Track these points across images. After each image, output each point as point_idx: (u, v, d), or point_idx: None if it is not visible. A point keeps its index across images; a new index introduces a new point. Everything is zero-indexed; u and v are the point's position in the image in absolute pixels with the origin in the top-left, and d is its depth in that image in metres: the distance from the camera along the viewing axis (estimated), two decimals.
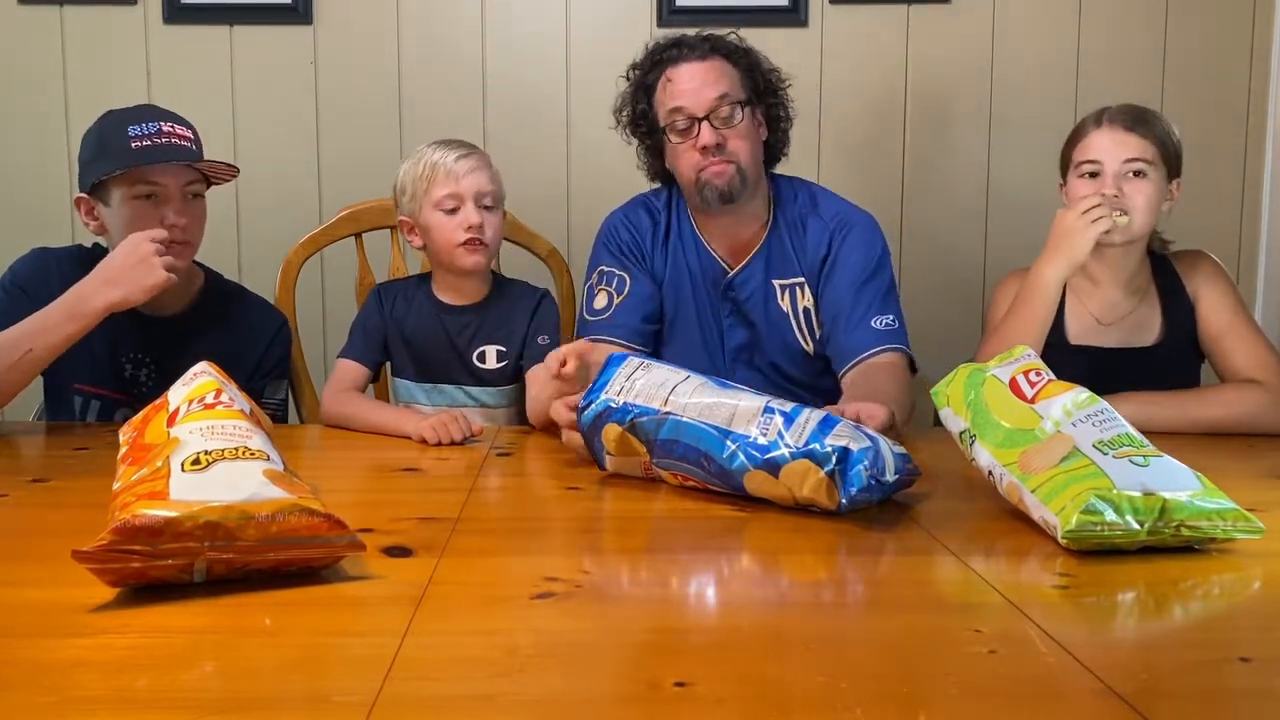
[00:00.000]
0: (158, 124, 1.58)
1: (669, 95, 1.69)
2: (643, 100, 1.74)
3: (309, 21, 2.29)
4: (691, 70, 1.69)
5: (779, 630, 0.81)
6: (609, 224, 1.82)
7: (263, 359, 1.73)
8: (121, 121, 1.58)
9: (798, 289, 1.74)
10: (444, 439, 1.49)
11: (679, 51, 1.70)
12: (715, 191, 1.68)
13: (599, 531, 1.11)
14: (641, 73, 1.74)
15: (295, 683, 0.71)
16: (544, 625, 0.81)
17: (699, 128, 1.67)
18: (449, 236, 1.68)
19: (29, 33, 2.28)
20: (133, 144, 1.55)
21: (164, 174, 1.57)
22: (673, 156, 1.72)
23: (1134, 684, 0.69)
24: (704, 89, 1.67)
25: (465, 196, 1.67)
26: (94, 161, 1.59)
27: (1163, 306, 1.72)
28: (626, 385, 1.24)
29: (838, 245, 1.72)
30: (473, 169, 1.69)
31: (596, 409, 1.25)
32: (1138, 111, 1.68)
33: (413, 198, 1.70)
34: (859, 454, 1.07)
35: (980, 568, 0.95)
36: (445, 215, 1.68)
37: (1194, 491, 0.98)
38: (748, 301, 1.75)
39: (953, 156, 2.36)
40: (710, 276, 1.77)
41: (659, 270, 1.78)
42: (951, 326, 2.32)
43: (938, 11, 2.31)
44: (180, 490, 0.86)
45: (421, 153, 1.72)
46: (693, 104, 1.67)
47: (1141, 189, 1.64)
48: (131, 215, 1.57)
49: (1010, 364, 1.19)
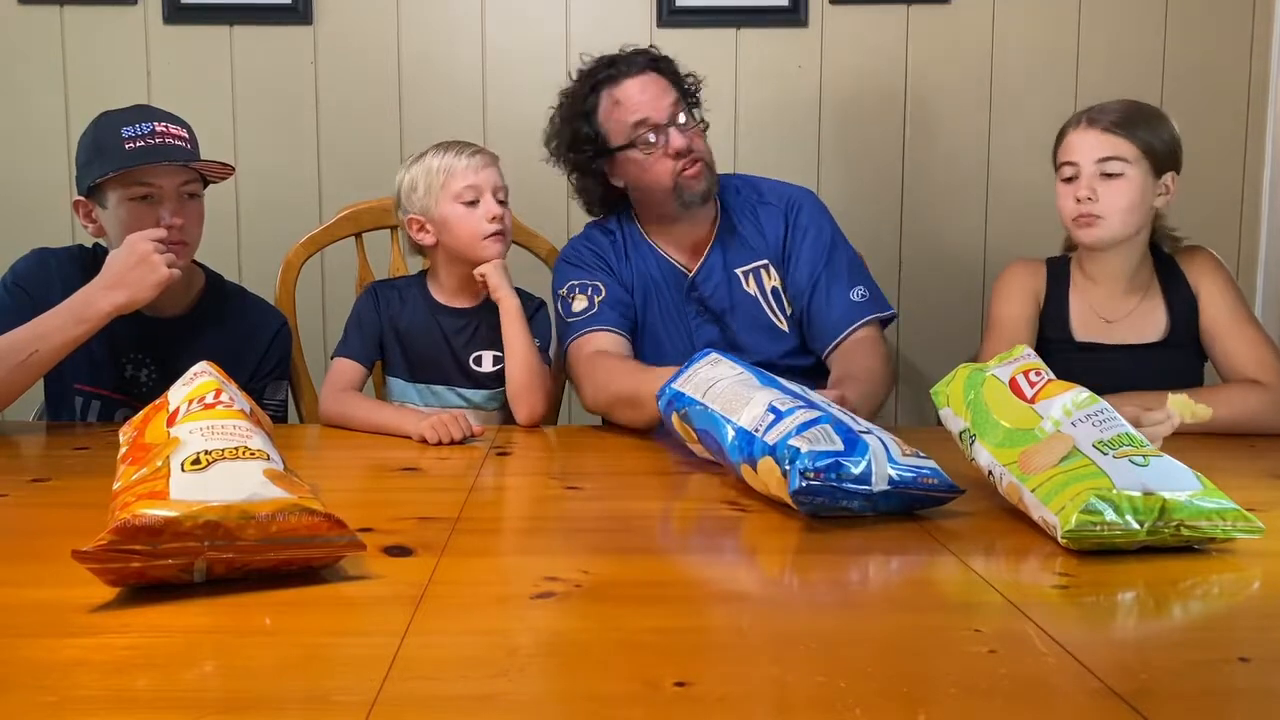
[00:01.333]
0: (151, 124, 1.57)
1: (625, 112, 1.71)
2: (584, 125, 1.75)
3: (309, 21, 2.29)
4: (638, 84, 1.72)
5: (779, 630, 0.81)
6: (568, 250, 1.85)
7: (263, 360, 1.73)
8: (115, 123, 1.58)
9: (762, 271, 1.78)
10: (444, 438, 1.49)
11: (615, 70, 1.73)
12: (696, 192, 1.73)
13: (599, 531, 1.11)
14: (577, 99, 1.75)
15: (295, 683, 0.71)
16: (544, 625, 0.81)
17: (667, 134, 1.70)
18: (472, 228, 1.68)
19: (29, 33, 2.28)
20: (127, 145, 1.55)
21: (159, 175, 1.57)
22: (640, 170, 1.74)
23: (1134, 684, 0.69)
24: (659, 98, 1.71)
25: (485, 189, 1.69)
26: (89, 164, 1.59)
27: (1166, 303, 1.72)
28: (690, 375, 1.32)
29: (793, 223, 1.78)
30: (487, 164, 1.72)
31: (668, 396, 1.33)
32: (1124, 109, 1.67)
33: (427, 193, 1.70)
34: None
35: (980, 568, 0.95)
36: (466, 209, 1.68)
37: (1194, 491, 0.98)
38: (712, 297, 1.78)
39: (953, 156, 2.36)
40: (672, 281, 1.80)
41: (627, 281, 1.80)
42: (951, 325, 2.32)
43: (938, 11, 2.31)
44: (180, 490, 0.86)
45: (429, 154, 1.73)
46: (655, 113, 1.70)
47: (1117, 189, 1.63)
48: (128, 216, 1.57)
49: (1010, 364, 1.19)
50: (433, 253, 1.77)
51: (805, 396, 1.20)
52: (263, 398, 1.69)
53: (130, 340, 1.65)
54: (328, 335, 2.25)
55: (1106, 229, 1.65)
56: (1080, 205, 1.65)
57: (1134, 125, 1.65)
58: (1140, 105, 1.69)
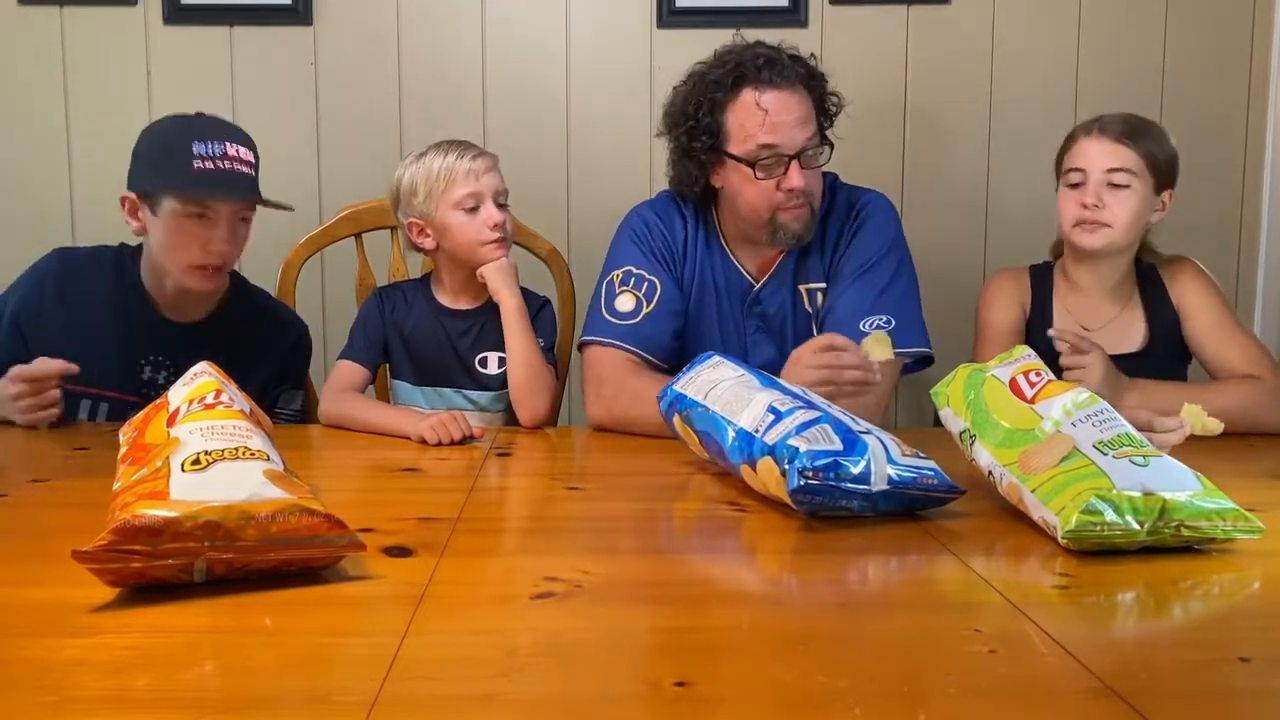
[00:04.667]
0: (223, 145, 1.55)
1: (760, 127, 1.58)
2: (708, 115, 1.61)
3: (309, 22, 2.29)
4: (785, 102, 1.58)
5: (779, 630, 0.81)
6: (640, 219, 1.73)
7: (279, 368, 1.73)
8: (188, 134, 1.55)
9: (819, 293, 1.70)
10: (444, 439, 1.48)
11: (769, 74, 1.58)
12: (791, 234, 1.62)
13: (599, 531, 1.11)
14: (714, 84, 1.61)
15: (295, 683, 0.71)
16: (544, 625, 0.81)
17: (788, 167, 1.58)
18: (473, 235, 1.67)
19: (29, 33, 2.28)
20: (195, 164, 1.52)
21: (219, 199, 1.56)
22: (740, 184, 1.62)
23: (1134, 684, 0.69)
24: (798, 128, 1.58)
25: (485, 195, 1.68)
26: (152, 169, 1.56)
27: (1146, 313, 1.74)
28: (692, 377, 1.32)
29: (847, 239, 1.68)
30: (489, 168, 1.70)
31: (670, 398, 1.33)
32: (1132, 123, 1.69)
33: (427, 199, 1.68)
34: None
35: (980, 568, 0.95)
36: (466, 215, 1.67)
37: (1194, 491, 0.98)
38: (775, 315, 1.69)
39: (952, 156, 2.36)
40: (735, 290, 1.71)
41: (686, 278, 1.71)
42: (950, 323, 2.32)
43: (938, 11, 2.31)
44: (180, 490, 0.86)
45: (428, 155, 1.70)
46: (787, 143, 1.58)
47: (1123, 200, 1.66)
48: (178, 231, 1.56)
49: (1010, 364, 1.19)
50: (434, 255, 1.76)
51: (805, 397, 1.20)
52: (276, 407, 1.69)
53: (150, 342, 1.64)
54: (328, 335, 2.25)
55: (1109, 237, 1.67)
56: (1085, 211, 1.66)
57: (1141, 138, 1.67)
58: (1146, 120, 1.72)
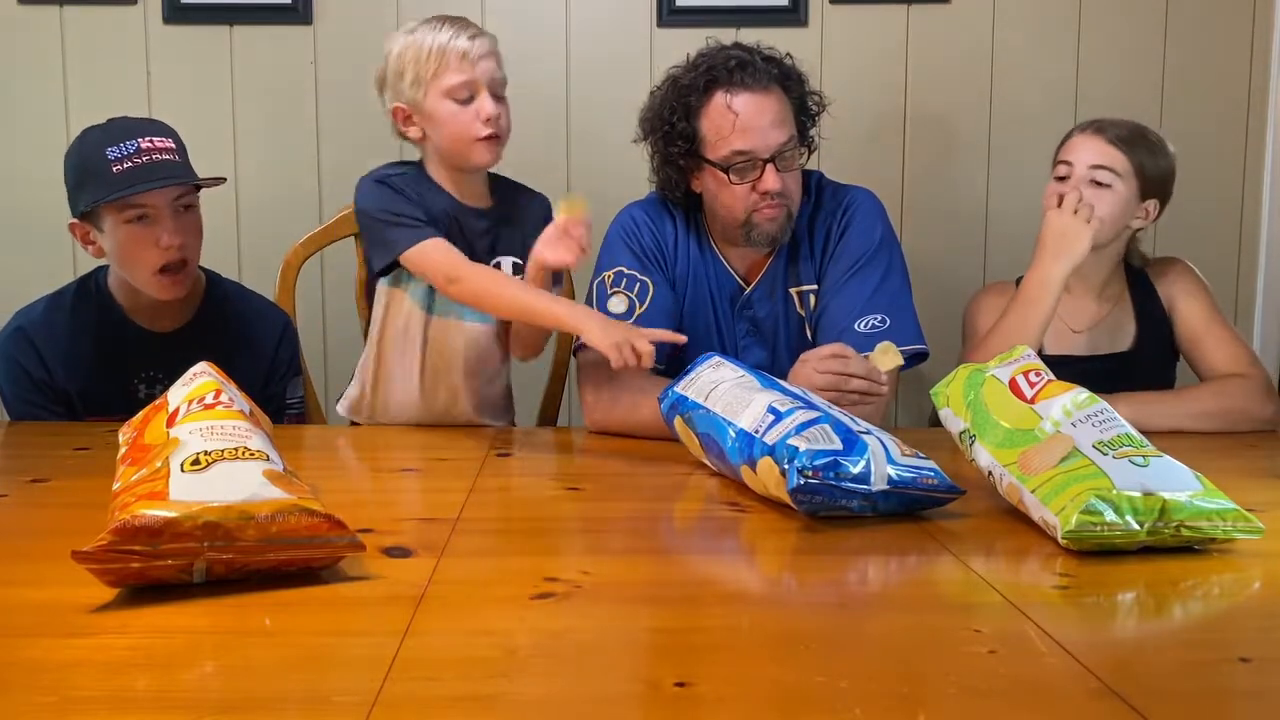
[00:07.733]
0: (135, 141, 1.52)
1: (731, 130, 1.54)
2: (683, 120, 1.58)
3: (309, 21, 2.29)
4: (757, 105, 1.54)
5: (779, 630, 0.81)
6: (629, 219, 1.69)
7: (275, 362, 1.73)
8: (99, 143, 1.53)
9: (810, 295, 1.67)
10: (629, 361, 1.33)
11: (741, 76, 1.55)
12: (765, 235, 1.59)
13: (599, 531, 1.11)
14: (687, 88, 1.58)
15: (295, 683, 0.71)
16: (544, 625, 0.81)
17: (762, 170, 1.55)
18: (463, 130, 1.52)
19: (29, 33, 2.27)
20: (114, 168, 1.50)
21: (151, 195, 1.53)
22: (716, 188, 1.59)
23: (1134, 684, 0.69)
24: (771, 131, 1.55)
25: (481, 84, 1.52)
26: (79, 188, 1.56)
27: (1136, 313, 1.75)
28: (692, 379, 1.31)
29: (836, 238, 1.65)
30: (487, 53, 1.53)
31: (671, 400, 1.32)
32: (1130, 128, 1.72)
33: (415, 83, 1.53)
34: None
35: (980, 568, 0.95)
36: (457, 105, 1.52)
37: (1194, 492, 0.98)
38: (766, 318, 1.67)
39: (952, 156, 2.36)
40: (726, 291, 1.69)
41: (677, 279, 1.68)
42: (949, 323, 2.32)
43: (938, 11, 2.31)
44: (180, 490, 0.86)
45: (419, 31, 1.54)
46: (759, 146, 1.54)
47: (1103, 198, 1.68)
48: (127, 239, 1.55)
49: (1010, 364, 1.19)
50: (422, 146, 1.61)
51: (805, 397, 1.20)
52: (285, 399, 1.69)
53: (139, 359, 1.64)
54: (328, 335, 2.25)
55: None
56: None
57: (1134, 145, 1.70)
58: (1147, 131, 1.74)
